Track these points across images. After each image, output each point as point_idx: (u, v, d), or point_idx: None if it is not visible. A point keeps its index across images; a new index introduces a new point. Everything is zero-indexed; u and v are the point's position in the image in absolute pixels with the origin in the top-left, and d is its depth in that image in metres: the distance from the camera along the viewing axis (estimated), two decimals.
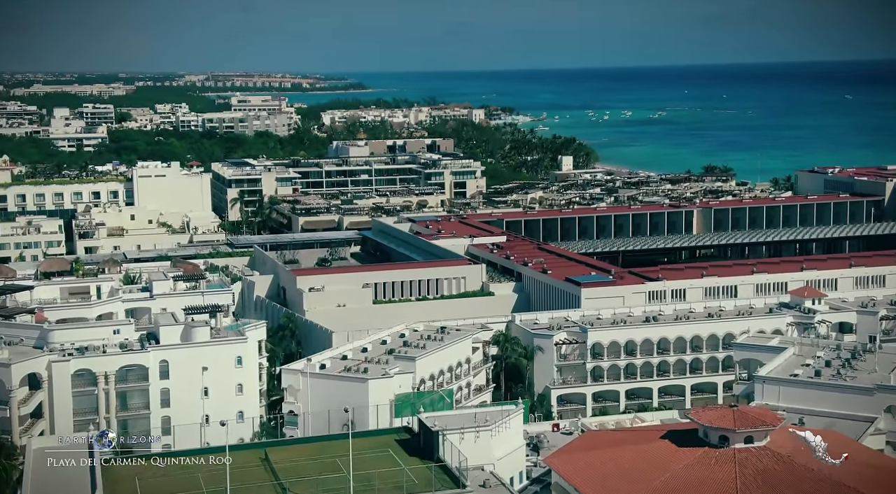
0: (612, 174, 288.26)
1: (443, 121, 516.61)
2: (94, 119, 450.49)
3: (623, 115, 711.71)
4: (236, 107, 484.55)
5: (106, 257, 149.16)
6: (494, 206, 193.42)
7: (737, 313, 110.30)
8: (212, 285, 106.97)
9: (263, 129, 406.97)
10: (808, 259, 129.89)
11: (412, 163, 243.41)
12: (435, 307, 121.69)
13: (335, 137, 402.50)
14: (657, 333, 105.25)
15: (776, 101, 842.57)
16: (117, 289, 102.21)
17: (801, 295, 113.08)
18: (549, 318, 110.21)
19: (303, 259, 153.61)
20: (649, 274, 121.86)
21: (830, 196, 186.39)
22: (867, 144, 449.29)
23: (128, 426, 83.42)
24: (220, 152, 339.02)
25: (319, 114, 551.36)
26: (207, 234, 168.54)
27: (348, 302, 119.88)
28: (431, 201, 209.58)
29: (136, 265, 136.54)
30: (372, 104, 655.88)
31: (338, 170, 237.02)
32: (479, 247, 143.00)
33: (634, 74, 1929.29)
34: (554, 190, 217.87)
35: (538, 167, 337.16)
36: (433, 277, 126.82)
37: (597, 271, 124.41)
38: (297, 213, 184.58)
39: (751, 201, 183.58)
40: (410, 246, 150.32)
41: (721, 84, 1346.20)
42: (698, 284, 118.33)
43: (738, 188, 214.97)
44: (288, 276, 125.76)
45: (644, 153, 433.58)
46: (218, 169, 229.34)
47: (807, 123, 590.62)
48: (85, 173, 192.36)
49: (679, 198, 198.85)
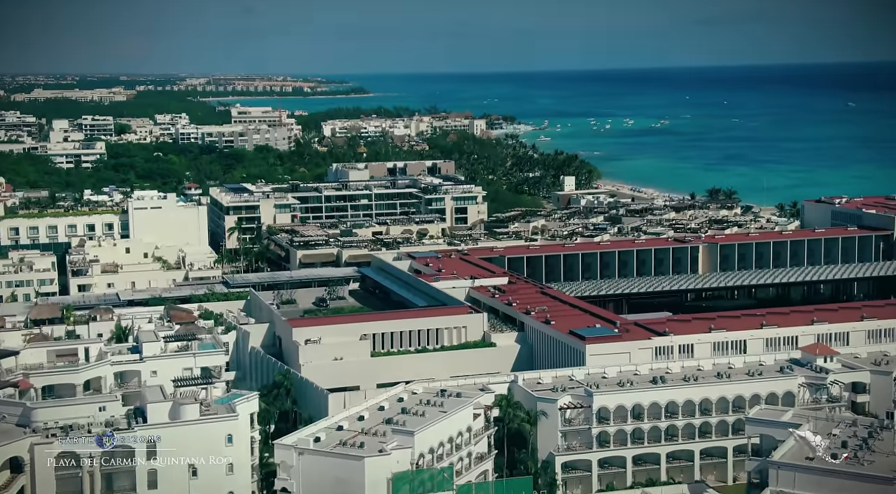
0: (615, 195, 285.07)
1: (444, 133, 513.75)
2: (94, 131, 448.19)
3: (625, 124, 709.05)
4: (236, 119, 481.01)
5: (98, 300, 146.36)
6: (496, 237, 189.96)
7: (746, 372, 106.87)
8: (204, 345, 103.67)
9: (263, 143, 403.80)
10: (819, 308, 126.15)
11: (412, 188, 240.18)
12: (435, 360, 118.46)
13: (335, 151, 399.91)
14: (665, 396, 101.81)
15: (778, 109, 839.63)
16: (106, 352, 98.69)
17: (812, 352, 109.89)
18: (553, 377, 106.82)
19: (300, 298, 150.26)
20: (655, 326, 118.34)
21: (838, 229, 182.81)
22: (871, 159, 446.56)
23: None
24: (219, 169, 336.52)
25: (320, 123, 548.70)
26: (203, 270, 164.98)
27: (345, 356, 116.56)
28: (432, 230, 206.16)
29: (128, 310, 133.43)
30: (373, 113, 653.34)
31: (337, 194, 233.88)
32: (480, 291, 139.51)
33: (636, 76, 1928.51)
34: (556, 218, 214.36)
35: (540, 185, 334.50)
36: (433, 327, 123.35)
37: (601, 322, 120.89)
38: (295, 246, 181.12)
39: (757, 235, 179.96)
40: (410, 287, 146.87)
41: (722, 88, 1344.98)
42: (706, 339, 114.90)
43: (744, 218, 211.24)
44: (284, 326, 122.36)
45: (646, 167, 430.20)
46: (216, 194, 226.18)
47: (809, 134, 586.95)
48: (80, 204, 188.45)
49: (684, 229, 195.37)
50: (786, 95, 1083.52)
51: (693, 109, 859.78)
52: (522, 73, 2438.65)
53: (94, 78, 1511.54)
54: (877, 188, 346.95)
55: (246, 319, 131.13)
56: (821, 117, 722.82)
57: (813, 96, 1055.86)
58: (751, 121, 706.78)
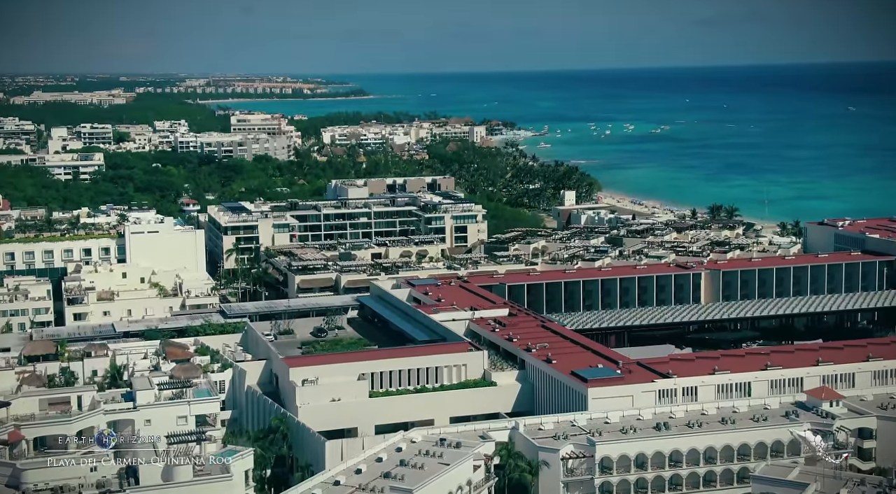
0: (615, 211, 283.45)
1: (444, 141, 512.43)
2: (93, 139, 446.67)
3: (625, 130, 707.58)
4: (236, 127, 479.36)
5: (93, 331, 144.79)
6: (496, 261, 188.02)
7: (751, 417, 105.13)
8: (199, 392, 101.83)
9: (262, 153, 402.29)
10: (824, 347, 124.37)
11: (412, 205, 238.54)
12: (434, 400, 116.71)
13: (335, 162, 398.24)
14: (669, 445, 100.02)
15: (778, 114, 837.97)
16: (99, 401, 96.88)
17: (817, 396, 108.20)
18: (555, 423, 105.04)
19: (298, 328, 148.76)
20: (658, 367, 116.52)
21: (842, 255, 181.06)
22: (872, 169, 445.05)
23: None
24: (218, 182, 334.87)
25: (320, 130, 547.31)
26: (200, 298, 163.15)
27: (343, 397, 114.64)
28: (431, 251, 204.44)
29: (123, 345, 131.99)
30: (373, 118, 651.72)
31: (336, 212, 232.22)
32: (480, 324, 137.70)
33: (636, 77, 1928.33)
34: (557, 239, 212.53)
35: (540, 197, 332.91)
36: (433, 365, 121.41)
37: (603, 361, 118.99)
38: (293, 271, 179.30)
39: (760, 261, 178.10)
40: (409, 317, 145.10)
41: (722, 90, 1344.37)
42: (710, 381, 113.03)
43: (746, 239, 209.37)
44: (280, 365, 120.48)
45: (647, 177, 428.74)
46: (214, 213, 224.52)
47: (810, 141, 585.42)
48: (76, 227, 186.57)
49: (686, 252, 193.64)
50: (786, 99, 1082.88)
51: (693, 113, 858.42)
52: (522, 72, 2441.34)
53: (93, 78, 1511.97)
54: (878, 201, 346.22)
55: (242, 355, 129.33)
56: (821, 123, 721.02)
57: (813, 100, 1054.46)
58: (751, 127, 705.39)
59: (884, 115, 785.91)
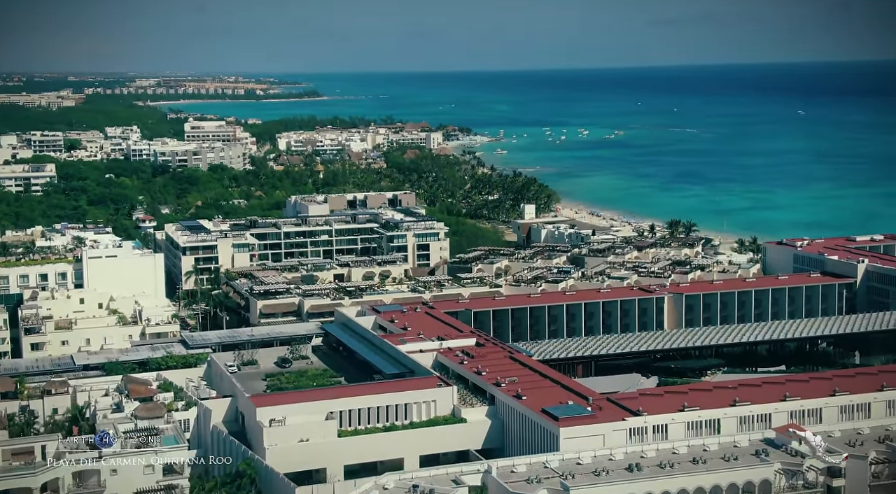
0: (575, 225, 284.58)
1: (401, 147, 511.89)
2: (43, 146, 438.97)
3: (580, 135, 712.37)
4: (189, 134, 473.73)
5: (52, 364, 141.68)
6: (460, 283, 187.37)
7: (722, 456, 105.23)
8: (166, 439, 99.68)
9: (218, 161, 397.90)
10: (790, 380, 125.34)
11: (373, 222, 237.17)
12: (404, 439, 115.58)
13: (291, 172, 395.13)
14: (641, 488, 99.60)
15: (728, 118, 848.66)
16: (64, 451, 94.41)
17: (786, 434, 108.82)
18: (528, 465, 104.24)
19: (261, 358, 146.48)
20: (628, 403, 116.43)
21: (801, 277, 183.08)
22: (826, 177, 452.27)
23: None
24: (173, 194, 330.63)
25: (275, 135, 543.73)
26: (161, 325, 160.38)
27: (312, 437, 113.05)
28: (395, 271, 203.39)
29: (84, 381, 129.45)
30: (328, 123, 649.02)
31: (297, 230, 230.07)
32: (447, 355, 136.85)
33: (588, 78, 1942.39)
34: (519, 258, 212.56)
35: (500, 209, 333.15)
36: (402, 402, 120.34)
37: (573, 397, 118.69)
38: (255, 295, 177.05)
39: (721, 283, 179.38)
40: (375, 348, 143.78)
41: (672, 92, 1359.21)
42: (680, 418, 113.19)
43: (705, 258, 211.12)
44: (247, 403, 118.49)
45: (603, 186, 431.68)
46: (172, 232, 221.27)
47: (761, 148, 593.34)
48: (32, 252, 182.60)
49: (647, 273, 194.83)
50: (735, 102, 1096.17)
51: (645, 117, 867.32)
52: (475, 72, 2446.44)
53: (41, 78, 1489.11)
54: (833, 213, 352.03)
55: (207, 391, 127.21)
56: (772, 128, 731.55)
57: (762, 103, 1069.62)
58: (702, 133, 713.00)
59: (833, 119, 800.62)
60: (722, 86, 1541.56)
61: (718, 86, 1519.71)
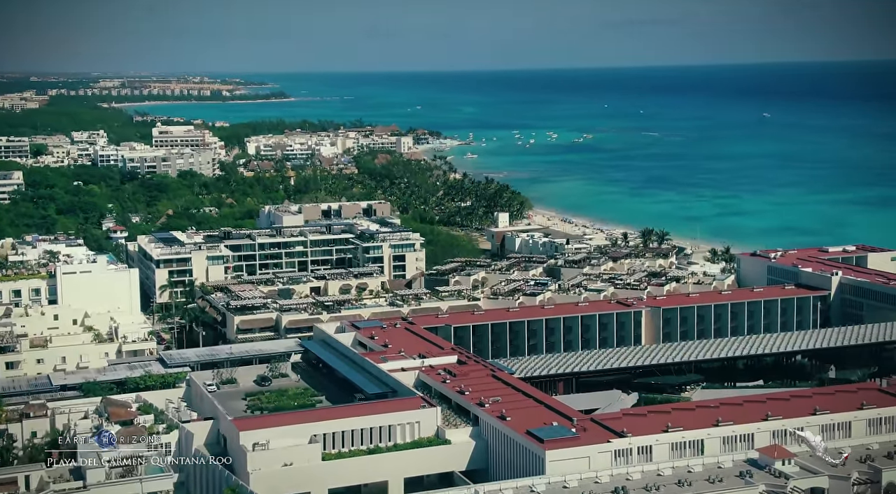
0: (549, 233, 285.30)
1: (372, 152, 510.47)
2: (9, 152, 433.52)
3: (549, 138, 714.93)
4: (157, 140, 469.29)
5: (28, 384, 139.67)
6: (438, 297, 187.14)
7: (707, 478, 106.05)
8: (151, 469, 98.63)
9: (187, 168, 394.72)
10: (771, 398, 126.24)
11: (349, 233, 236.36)
12: (388, 462, 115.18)
13: (262, 179, 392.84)
14: None
15: (694, 121, 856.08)
16: (48, 482, 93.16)
17: (770, 454, 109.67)
18: (514, 489, 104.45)
19: (241, 376, 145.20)
20: (612, 424, 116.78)
21: (776, 289, 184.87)
22: (792, 182, 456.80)
23: None
24: (143, 202, 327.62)
25: (244, 139, 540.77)
26: (138, 343, 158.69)
27: (296, 461, 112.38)
28: (371, 284, 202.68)
29: (62, 403, 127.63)
30: (297, 126, 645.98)
31: (271, 242, 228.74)
32: (430, 374, 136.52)
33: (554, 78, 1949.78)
34: (495, 270, 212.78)
35: (473, 216, 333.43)
36: (386, 423, 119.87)
37: (557, 418, 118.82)
38: (232, 311, 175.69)
39: (697, 296, 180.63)
40: (356, 365, 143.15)
41: (637, 94, 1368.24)
42: (664, 439, 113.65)
43: (680, 269, 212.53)
44: (229, 427, 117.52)
45: (574, 192, 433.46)
46: (144, 244, 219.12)
47: (728, 152, 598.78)
48: (4, 268, 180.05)
49: (623, 284, 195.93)
50: (700, 105, 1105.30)
51: (612, 120, 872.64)
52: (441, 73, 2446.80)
53: (2, 78, 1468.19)
54: (800, 218, 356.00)
55: (188, 414, 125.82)
56: (738, 132, 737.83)
57: (727, 106, 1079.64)
58: (667, 136, 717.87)
59: (797, 123, 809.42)
60: (687, 87, 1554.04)
61: (684, 88, 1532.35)
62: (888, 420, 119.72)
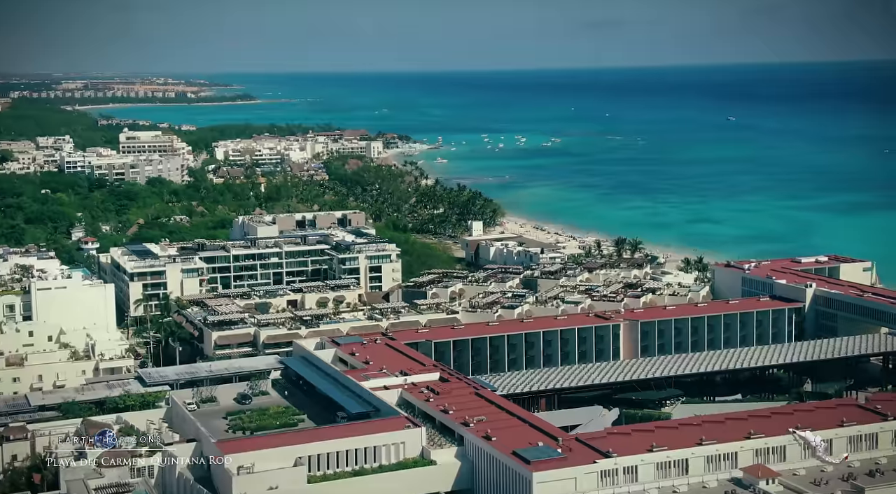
0: (523, 242, 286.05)
1: (342, 157, 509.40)
2: None
3: (518, 143, 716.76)
4: (125, 146, 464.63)
5: (5, 405, 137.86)
6: (416, 310, 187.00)
7: None
8: (136, 492, 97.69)
9: (156, 174, 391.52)
10: (753, 415, 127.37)
11: (324, 243, 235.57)
12: (374, 484, 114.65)
13: (232, 186, 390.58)
14: None
15: (658, 124, 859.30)
16: None
17: (754, 474, 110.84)
18: None
19: (221, 395, 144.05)
20: (597, 443, 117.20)
21: (751, 301, 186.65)
22: (759, 188, 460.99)
23: None
24: (113, 210, 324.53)
25: (211, 144, 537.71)
26: (115, 360, 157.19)
27: (281, 484, 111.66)
28: (349, 296, 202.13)
29: (42, 425, 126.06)
30: (265, 130, 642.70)
31: (246, 253, 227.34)
32: (412, 392, 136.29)
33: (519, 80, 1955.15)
34: (472, 281, 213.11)
35: (446, 224, 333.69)
36: (371, 445, 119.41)
37: (543, 438, 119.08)
38: (209, 326, 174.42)
39: (674, 309, 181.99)
40: (337, 383, 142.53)
41: (603, 96, 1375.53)
42: (650, 459, 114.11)
43: (654, 281, 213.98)
44: (213, 449, 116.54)
45: (545, 198, 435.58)
46: (118, 257, 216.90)
47: (695, 156, 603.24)
48: None
49: (600, 296, 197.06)
50: (664, 106, 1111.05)
51: (579, 123, 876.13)
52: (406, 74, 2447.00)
53: None
54: (769, 223, 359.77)
55: (170, 435, 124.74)
56: (704, 135, 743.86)
57: (691, 107, 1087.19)
58: (632, 141, 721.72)
59: (763, 126, 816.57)
60: (655, 89, 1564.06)
61: (650, 90, 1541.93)
62: (869, 438, 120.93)
